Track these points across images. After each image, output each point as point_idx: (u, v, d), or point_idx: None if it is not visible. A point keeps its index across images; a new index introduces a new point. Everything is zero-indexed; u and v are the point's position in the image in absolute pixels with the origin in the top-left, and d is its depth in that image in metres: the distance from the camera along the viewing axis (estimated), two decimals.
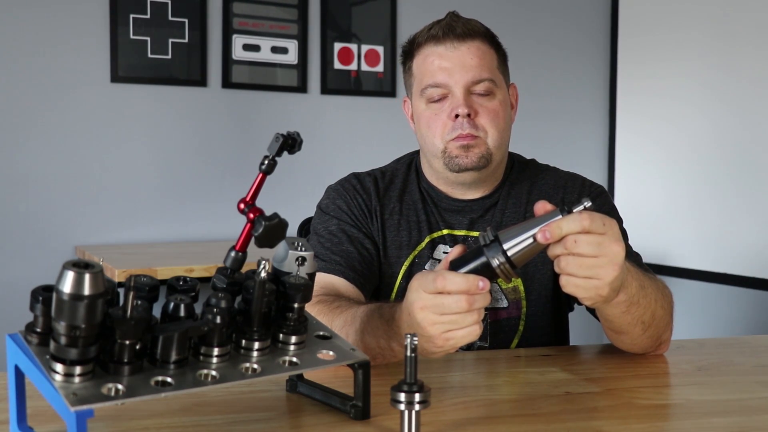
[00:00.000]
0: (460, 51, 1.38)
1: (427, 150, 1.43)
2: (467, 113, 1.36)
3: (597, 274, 0.96)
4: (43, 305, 0.79)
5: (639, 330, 1.17)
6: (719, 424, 0.97)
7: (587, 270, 0.96)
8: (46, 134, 2.85)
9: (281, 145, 0.91)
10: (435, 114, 1.40)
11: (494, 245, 0.96)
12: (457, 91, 1.37)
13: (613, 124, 3.68)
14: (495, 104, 1.39)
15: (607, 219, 0.96)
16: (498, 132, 1.39)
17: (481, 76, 1.38)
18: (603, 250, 0.95)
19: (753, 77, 3.12)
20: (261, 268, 0.87)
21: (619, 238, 0.97)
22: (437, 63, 1.39)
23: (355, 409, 0.95)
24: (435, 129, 1.39)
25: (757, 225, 3.11)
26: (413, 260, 1.44)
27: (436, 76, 1.38)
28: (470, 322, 0.96)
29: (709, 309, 3.46)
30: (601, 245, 0.95)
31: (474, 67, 1.37)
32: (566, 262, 0.96)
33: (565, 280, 0.97)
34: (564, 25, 3.68)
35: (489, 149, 1.38)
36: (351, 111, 3.31)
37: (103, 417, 0.93)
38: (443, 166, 1.40)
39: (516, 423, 0.96)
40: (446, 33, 1.38)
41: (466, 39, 1.38)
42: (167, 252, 2.82)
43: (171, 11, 2.99)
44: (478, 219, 1.46)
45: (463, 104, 1.36)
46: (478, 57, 1.38)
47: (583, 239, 0.94)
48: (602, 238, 0.95)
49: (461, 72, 1.37)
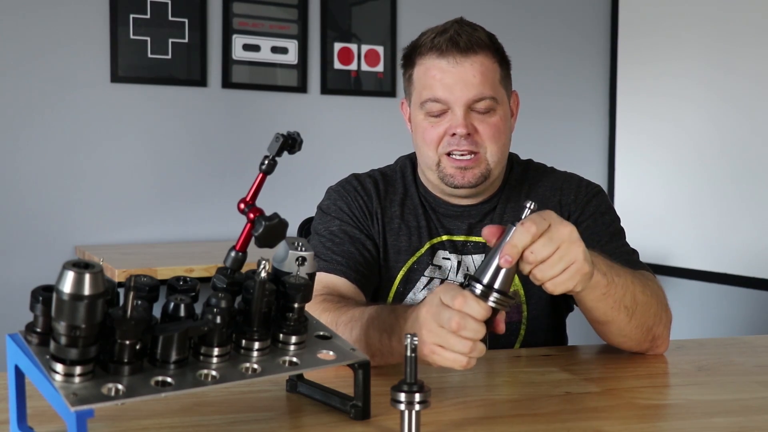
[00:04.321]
0: (462, 67, 1.35)
1: (422, 161, 1.43)
2: (466, 133, 1.35)
3: (568, 260, 0.97)
4: (43, 305, 0.79)
5: (623, 316, 1.16)
6: (719, 424, 0.97)
7: (558, 264, 0.97)
8: (46, 134, 2.85)
9: (281, 145, 0.91)
10: (432, 126, 1.38)
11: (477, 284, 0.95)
12: (458, 109, 1.35)
13: (613, 124, 3.68)
14: (496, 120, 1.37)
15: (546, 213, 0.97)
16: (498, 148, 1.38)
17: (482, 94, 1.35)
18: (556, 240, 0.96)
19: (753, 77, 3.12)
20: (261, 268, 0.87)
21: (561, 221, 0.98)
22: (439, 77, 1.36)
23: (355, 409, 0.95)
24: (430, 141, 1.38)
25: (757, 225, 3.11)
26: (411, 266, 1.43)
27: (436, 91, 1.36)
28: (458, 349, 0.95)
29: (709, 309, 3.46)
30: (552, 239, 0.96)
31: (476, 85, 1.35)
32: (539, 271, 0.97)
33: (551, 285, 0.98)
34: (564, 25, 3.68)
35: (488, 166, 1.38)
36: (351, 111, 3.31)
37: (103, 417, 0.93)
38: (438, 179, 1.40)
39: (516, 423, 0.96)
40: (449, 47, 1.35)
41: (470, 54, 1.35)
42: (167, 252, 2.82)
43: (171, 11, 2.99)
44: (477, 224, 1.45)
45: (462, 124, 1.35)
46: (480, 74, 1.35)
47: (537, 246, 0.95)
48: (550, 232, 0.96)
49: (463, 90, 1.35)
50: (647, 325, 1.21)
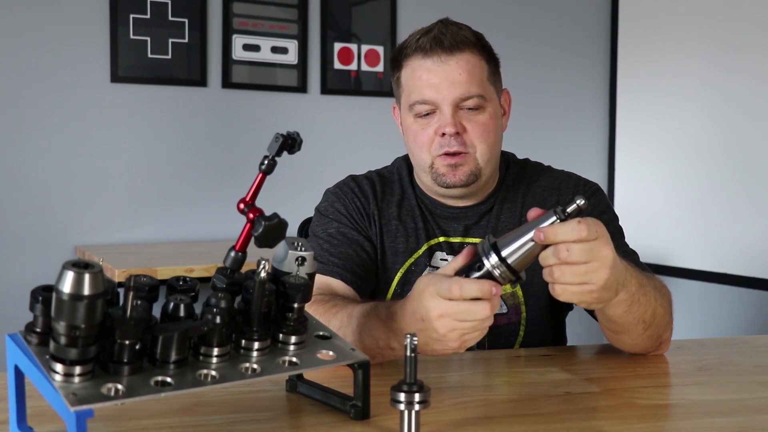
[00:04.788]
0: (448, 66, 1.34)
1: (416, 163, 1.43)
2: (455, 132, 1.34)
3: (590, 279, 0.97)
4: (43, 305, 0.79)
5: (640, 329, 1.17)
6: (719, 424, 0.97)
7: (580, 276, 0.97)
8: (47, 134, 2.85)
9: (281, 145, 0.91)
10: (422, 128, 1.38)
11: (492, 253, 0.97)
12: (445, 108, 1.35)
13: (613, 124, 3.68)
14: (484, 118, 1.37)
15: (599, 225, 0.97)
16: (488, 146, 1.37)
17: (469, 93, 1.35)
18: (594, 255, 0.96)
19: (753, 77, 3.12)
20: (261, 268, 0.87)
21: (608, 241, 0.98)
22: (425, 78, 1.35)
23: (355, 409, 0.95)
24: (422, 144, 1.38)
25: (757, 225, 3.11)
26: (409, 267, 1.43)
27: (423, 92, 1.35)
28: (485, 325, 0.99)
29: (709, 309, 3.46)
30: (591, 251, 0.96)
31: (462, 83, 1.34)
32: (560, 272, 0.97)
33: (561, 289, 0.98)
34: (564, 25, 3.68)
35: (478, 165, 1.37)
36: (351, 111, 3.31)
37: (103, 417, 0.93)
38: (431, 181, 1.40)
39: (515, 423, 0.96)
40: (433, 46, 1.34)
41: (455, 52, 1.34)
42: (167, 252, 2.83)
43: (171, 11, 2.99)
44: (473, 225, 1.45)
45: (451, 123, 1.34)
46: (467, 72, 1.34)
47: (576, 248, 0.95)
48: (593, 243, 0.96)
49: (449, 88, 1.34)
50: (659, 333, 1.22)
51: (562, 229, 0.95)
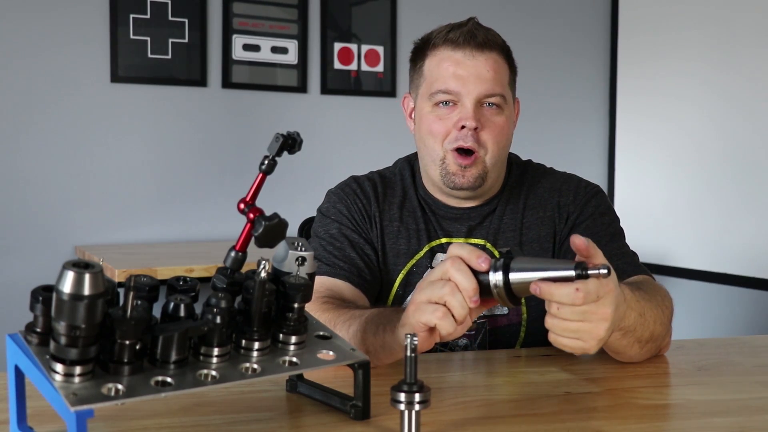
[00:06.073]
0: (477, 61, 1.35)
1: (426, 154, 1.41)
2: (475, 126, 1.35)
3: (582, 336, 0.95)
4: (43, 305, 0.79)
5: (636, 348, 1.17)
6: (719, 424, 0.97)
7: (572, 333, 0.95)
8: (47, 134, 2.85)
9: (281, 145, 0.91)
10: (440, 119, 1.37)
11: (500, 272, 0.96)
12: (468, 102, 1.35)
13: (613, 124, 3.68)
14: (502, 120, 1.38)
15: (606, 285, 0.94)
16: (498, 149, 1.38)
17: (494, 90, 1.36)
18: (588, 317, 0.93)
19: (753, 77, 3.12)
20: (261, 268, 0.87)
21: (612, 300, 0.94)
22: (452, 69, 1.36)
23: (355, 409, 0.95)
24: (437, 134, 1.37)
25: (757, 225, 3.11)
26: (411, 269, 1.43)
27: (449, 82, 1.36)
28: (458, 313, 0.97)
29: (709, 309, 3.46)
30: (585, 313, 0.93)
31: (489, 80, 1.35)
32: (552, 323, 0.95)
33: (552, 337, 0.97)
34: (564, 25, 3.68)
35: (486, 168, 1.37)
36: (351, 111, 3.31)
37: (103, 417, 0.93)
38: (439, 177, 1.39)
39: (516, 423, 0.96)
40: (467, 40, 1.36)
41: (485, 49, 1.36)
42: (167, 252, 2.83)
43: (171, 11, 2.99)
44: (477, 226, 1.45)
45: (472, 117, 1.34)
46: (494, 70, 1.36)
47: (567, 309, 0.93)
48: (589, 306, 0.93)
49: (476, 83, 1.35)
50: (657, 346, 1.22)
51: (558, 291, 0.92)
